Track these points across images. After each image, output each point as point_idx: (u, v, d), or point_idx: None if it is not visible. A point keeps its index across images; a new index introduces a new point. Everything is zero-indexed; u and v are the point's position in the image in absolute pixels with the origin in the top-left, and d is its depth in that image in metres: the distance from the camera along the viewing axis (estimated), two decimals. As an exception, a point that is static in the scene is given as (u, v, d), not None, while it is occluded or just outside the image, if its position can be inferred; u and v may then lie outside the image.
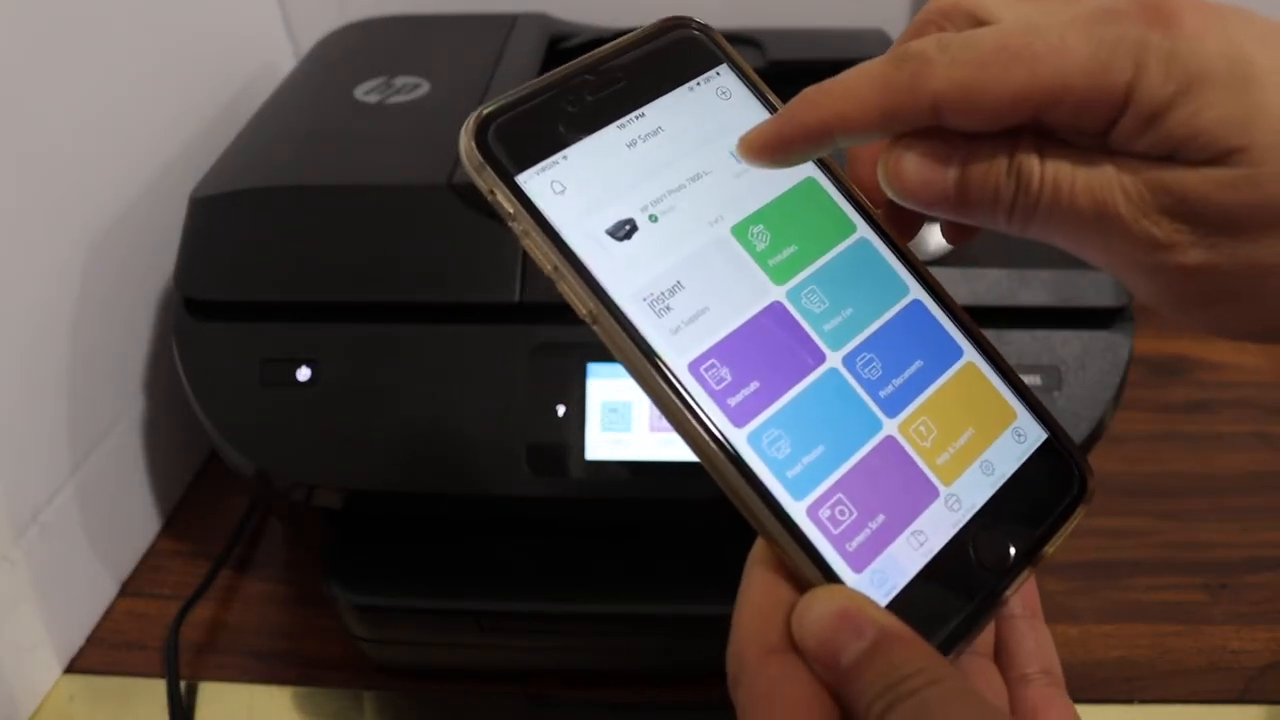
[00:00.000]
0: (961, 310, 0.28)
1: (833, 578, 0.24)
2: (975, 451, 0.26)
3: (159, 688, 0.54)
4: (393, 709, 0.54)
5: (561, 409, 0.48)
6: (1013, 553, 0.25)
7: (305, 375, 0.48)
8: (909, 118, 0.24)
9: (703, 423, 0.24)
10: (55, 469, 0.56)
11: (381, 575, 0.51)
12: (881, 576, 0.24)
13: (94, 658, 0.57)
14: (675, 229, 0.26)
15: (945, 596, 0.24)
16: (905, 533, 0.25)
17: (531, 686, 0.55)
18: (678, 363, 0.24)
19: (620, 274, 0.25)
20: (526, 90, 0.26)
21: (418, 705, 0.54)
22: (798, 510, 0.24)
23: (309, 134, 0.58)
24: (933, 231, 0.51)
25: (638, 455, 0.47)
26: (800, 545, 0.24)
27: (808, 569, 0.24)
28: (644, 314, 0.25)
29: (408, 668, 0.56)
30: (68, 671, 0.56)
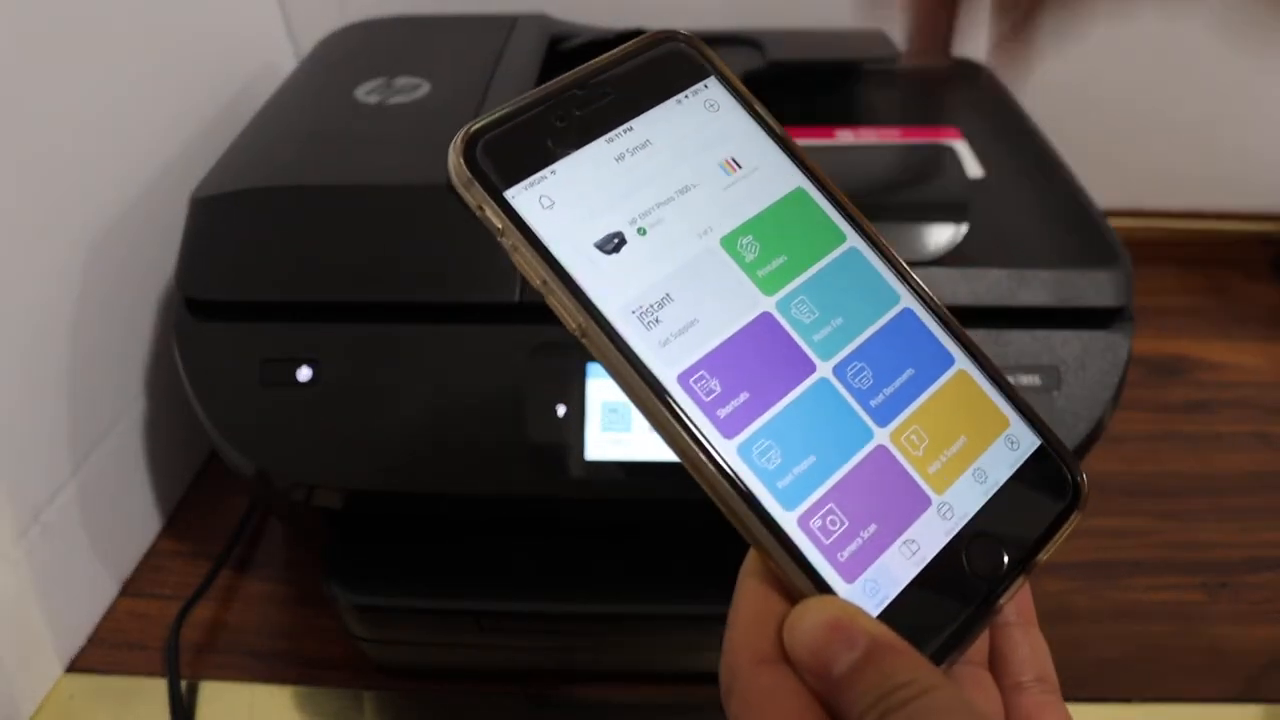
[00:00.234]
0: (953, 318, 0.28)
1: (824, 588, 0.24)
2: (967, 460, 0.26)
3: (160, 687, 0.55)
4: (393, 709, 0.54)
5: (561, 409, 0.48)
6: (1006, 560, 0.25)
7: (305, 375, 0.48)
8: None
9: (692, 434, 0.24)
10: (56, 469, 0.56)
11: (381, 575, 0.51)
12: (873, 586, 0.24)
13: (95, 657, 0.57)
14: (664, 241, 0.26)
15: (938, 605, 0.24)
16: (897, 542, 0.25)
17: (531, 686, 0.55)
18: (667, 375, 0.24)
19: (609, 287, 0.25)
20: (514, 106, 0.26)
21: (418, 705, 0.55)
22: (789, 521, 0.24)
23: (309, 134, 0.58)
24: (933, 231, 0.51)
25: (638, 455, 0.47)
26: (791, 556, 0.24)
27: (799, 579, 0.24)
28: (633, 327, 0.25)
29: (408, 668, 0.56)
30: (69, 671, 0.56)
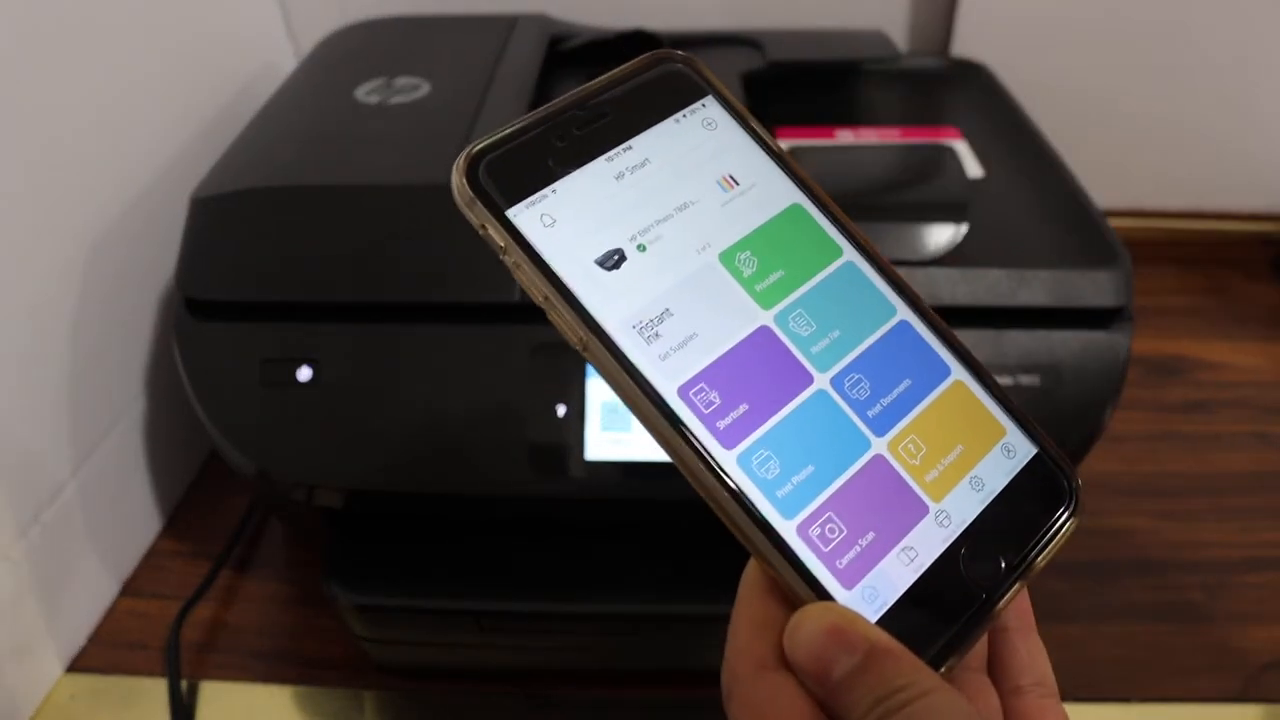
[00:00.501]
0: (949, 330, 0.28)
1: (824, 595, 0.24)
2: (964, 468, 0.27)
3: (160, 687, 0.55)
4: (393, 709, 0.54)
5: (561, 409, 0.48)
6: (1003, 566, 0.25)
7: (306, 375, 0.48)
8: None
9: (693, 445, 0.24)
10: (57, 469, 0.56)
11: (381, 575, 0.51)
12: (872, 593, 0.24)
13: (95, 657, 0.57)
14: (663, 257, 0.26)
15: (936, 611, 0.24)
16: (895, 549, 0.25)
17: (531, 686, 0.55)
18: (667, 388, 0.25)
19: (610, 303, 0.25)
20: (515, 126, 0.26)
21: (418, 705, 0.55)
22: (788, 529, 0.24)
23: (310, 134, 0.58)
24: (933, 231, 0.51)
25: (638, 455, 0.47)
26: (791, 563, 0.24)
27: (799, 587, 0.24)
28: (633, 341, 0.25)
29: (408, 667, 0.56)
30: (69, 671, 0.57)
